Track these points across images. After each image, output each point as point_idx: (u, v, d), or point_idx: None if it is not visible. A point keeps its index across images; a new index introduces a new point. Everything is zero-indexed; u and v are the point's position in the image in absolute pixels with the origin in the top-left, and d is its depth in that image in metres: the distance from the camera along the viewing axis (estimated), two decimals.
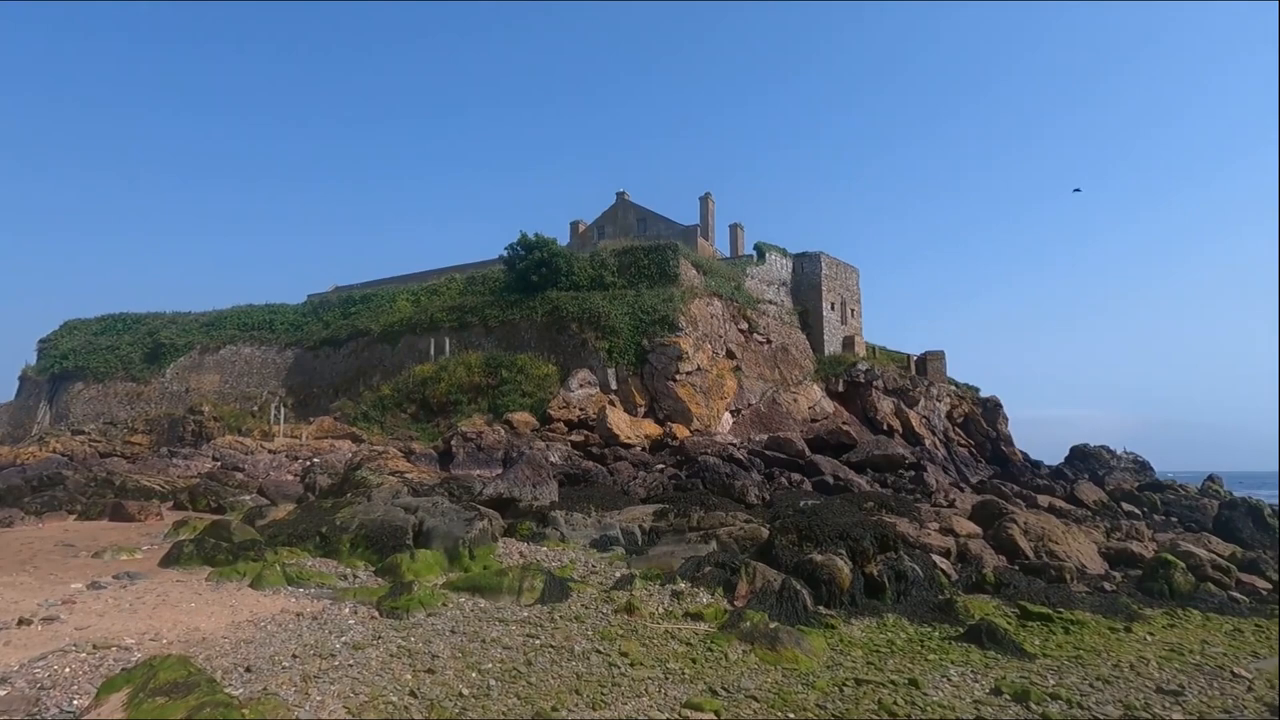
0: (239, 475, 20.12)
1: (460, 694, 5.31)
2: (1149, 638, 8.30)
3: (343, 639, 6.65)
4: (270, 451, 26.91)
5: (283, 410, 33.75)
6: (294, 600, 8.13)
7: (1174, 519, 23.50)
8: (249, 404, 37.38)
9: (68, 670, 5.58)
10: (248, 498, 15.56)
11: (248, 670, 5.68)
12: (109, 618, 7.07)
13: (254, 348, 40.47)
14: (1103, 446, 40.27)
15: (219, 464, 23.53)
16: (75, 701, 4.92)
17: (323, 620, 7.33)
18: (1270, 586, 12.36)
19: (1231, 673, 6.74)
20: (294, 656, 6.05)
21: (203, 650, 6.20)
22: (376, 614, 7.72)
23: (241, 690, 5.27)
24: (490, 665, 6.03)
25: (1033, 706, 5.55)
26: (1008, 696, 5.80)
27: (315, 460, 23.79)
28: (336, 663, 5.94)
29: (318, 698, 5.16)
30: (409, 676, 5.65)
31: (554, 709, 5.13)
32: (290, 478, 20.85)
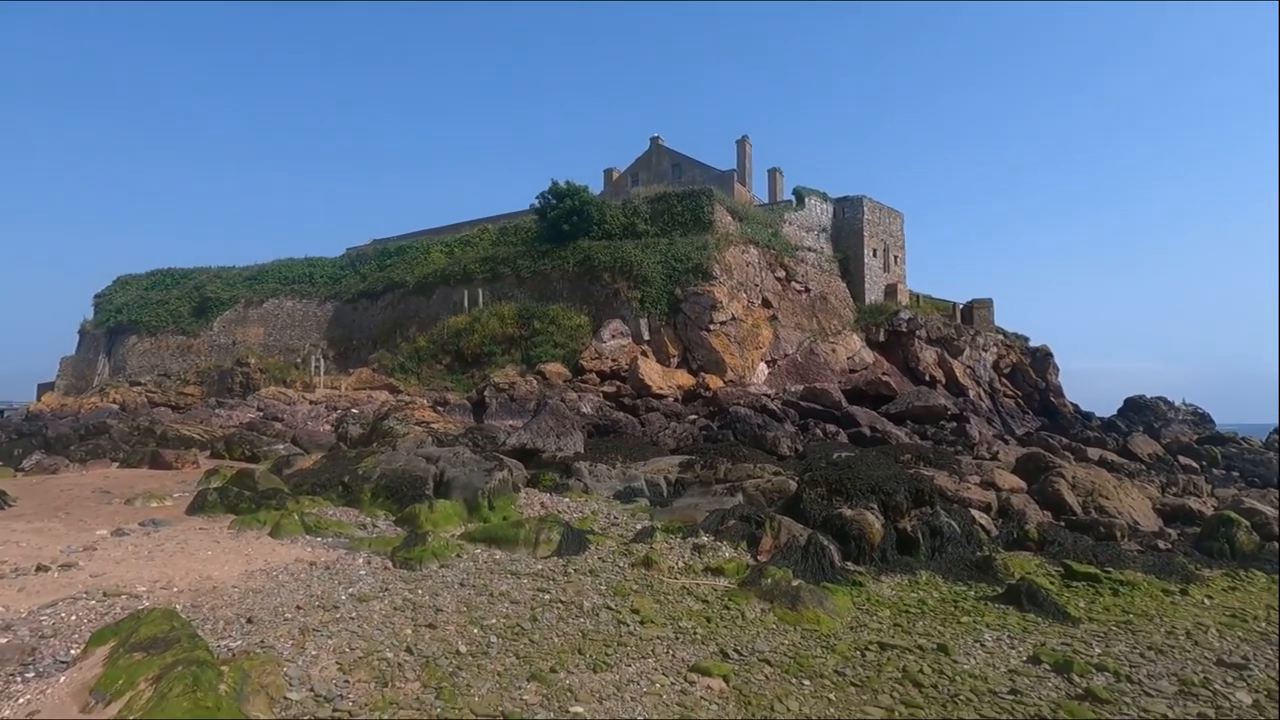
0: (278, 425, 20.55)
1: (457, 651, 5.11)
2: (1207, 602, 7.68)
3: (350, 590, 6.53)
4: (311, 402, 27.50)
5: (323, 362, 34.42)
6: (309, 550, 8.09)
7: (1236, 474, 22.26)
8: (292, 356, 38.26)
9: (74, 618, 5.57)
10: (281, 447, 15.81)
11: (249, 621, 5.59)
12: (125, 565, 7.11)
13: (295, 301, 41.17)
14: (1160, 398, 38.46)
15: (261, 414, 24.12)
16: (72, 651, 4.87)
17: (335, 570, 7.25)
18: None
19: None
20: (298, 608, 5.95)
21: (210, 599, 6.15)
22: (390, 565, 7.62)
23: (239, 642, 5.18)
24: (494, 621, 5.83)
25: (1075, 679, 5.08)
26: (1047, 666, 5.33)
27: (353, 410, 24.20)
28: (339, 615, 5.81)
29: (313, 651, 5.02)
30: (409, 631, 5.48)
31: (552, 670, 4.88)
32: (326, 428, 21.21)
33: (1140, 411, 36.38)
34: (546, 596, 6.60)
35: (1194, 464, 22.63)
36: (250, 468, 12.32)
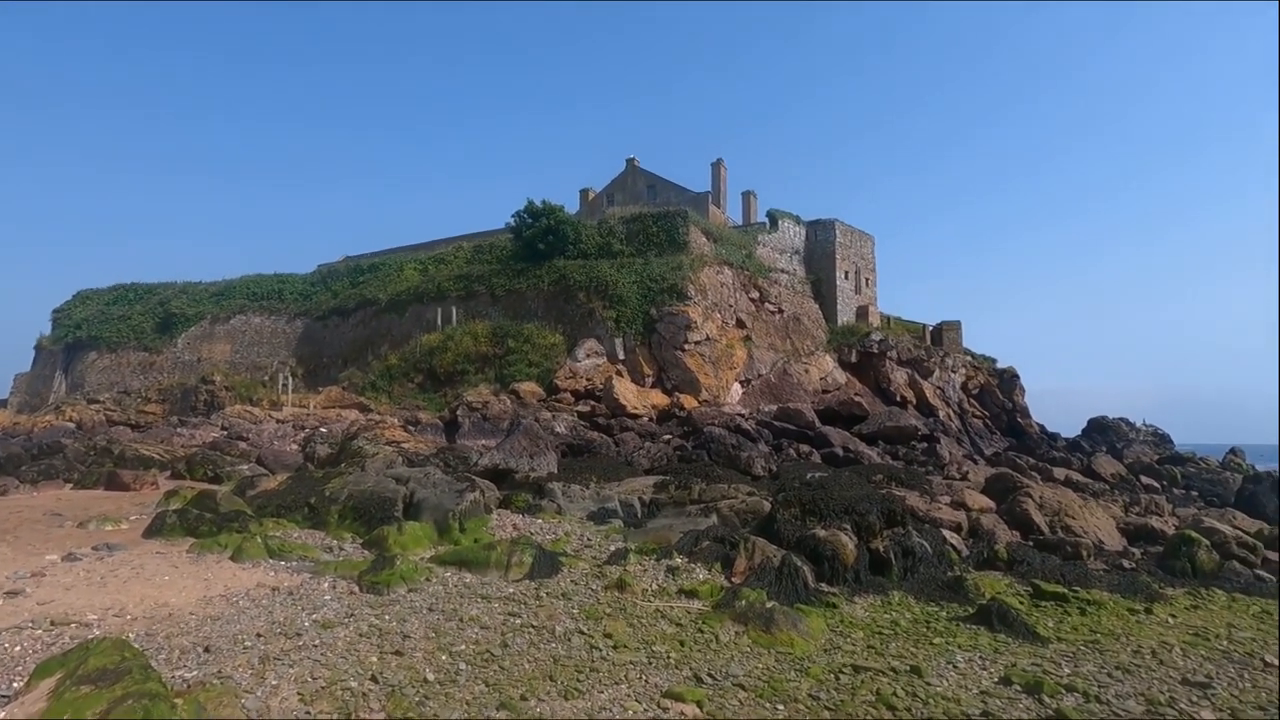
0: (242, 445, 20.01)
1: (425, 679, 4.96)
2: (1171, 620, 7.82)
3: (314, 616, 6.33)
4: (278, 421, 26.87)
5: (291, 380, 33.74)
6: (273, 574, 7.84)
7: (1195, 493, 22.86)
8: (260, 374, 37.44)
9: (18, 649, 5.31)
10: (245, 467, 15.39)
11: (206, 650, 5.38)
12: (76, 592, 6.81)
13: (264, 317, 40.40)
14: (1121, 419, 39.43)
15: (225, 433, 23.48)
16: (15, 685, 4.63)
17: (298, 595, 7.03)
18: None
19: (1263, 661, 6.26)
20: (259, 635, 5.74)
21: (165, 627, 5.91)
22: (356, 589, 7.41)
23: (196, 673, 4.98)
24: (463, 647, 5.69)
25: (1045, 700, 5.11)
26: (1018, 687, 5.36)
27: (322, 430, 23.69)
28: (301, 642, 5.62)
29: (273, 681, 4.84)
30: (374, 659, 5.32)
31: (523, 698, 4.77)
32: (293, 447, 20.72)
33: (1103, 432, 37.25)
34: (518, 621, 6.47)
35: (1155, 484, 23.19)
36: (212, 489, 11.94)
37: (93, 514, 10.84)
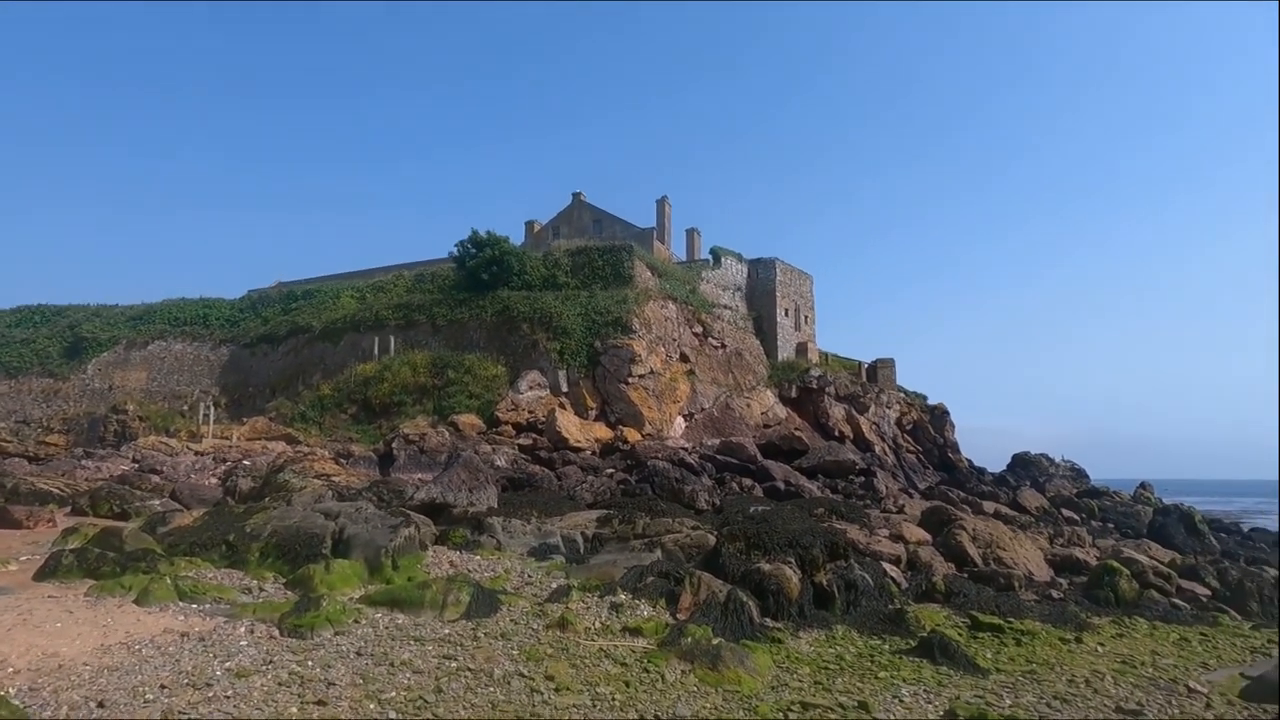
0: (155, 478, 18.66)
1: None
2: (1100, 649, 8.06)
3: (228, 664, 5.82)
4: (197, 453, 25.25)
5: (213, 410, 31.90)
6: (182, 618, 7.21)
7: (1110, 525, 24.04)
8: (178, 403, 35.30)
9: None
10: (158, 503, 14.30)
11: (100, 705, 4.84)
12: None
13: (186, 344, 38.25)
14: (1042, 454, 41.33)
15: (136, 466, 21.89)
16: None
17: (210, 642, 6.46)
18: (1209, 594, 12.44)
19: (1186, 687, 6.48)
20: (162, 687, 5.22)
21: (53, 680, 5.31)
22: (277, 633, 6.88)
23: None
24: (393, 694, 5.31)
25: None
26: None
27: (245, 463, 22.38)
28: (212, 694, 5.13)
29: None
30: (294, 710, 4.90)
31: None
32: (212, 481, 19.48)
33: (1026, 467, 38.92)
34: (453, 664, 6.10)
35: (1075, 516, 24.30)
36: (118, 526, 11.02)
37: None
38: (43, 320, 41.15)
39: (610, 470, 21.56)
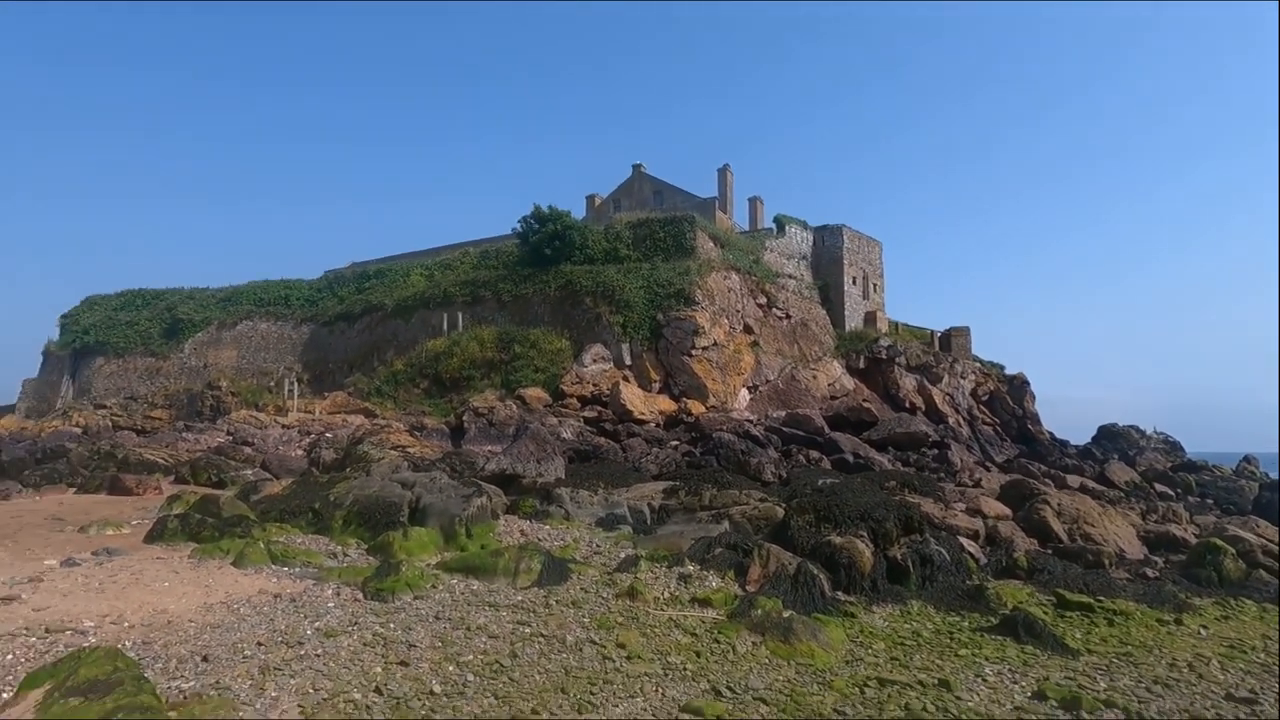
0: (247, 450, 19.87)
1: (431, 691, 4.74)
2: (1203, 632, 7.54)
3: (317, 624, 6.12)
4: (283, 426, 26.75)
5: (297, 385, 33.64)
6: (275, 580, 7.64)
7: (1210, 501, 22.50)
8: (266, 379, 37.38)
9: (9, 657, 5.10)
10: (250, 472, 15.22)
11: (204, 660, 5.17)
12: (73, 598, 6.62)
13: (270, 323, 40.37)
14: (1132, 426, 39.01)
15: (230, 438, 23.37)
16: (3, 695, 4.42)
17: (300, 603, 6.82)
18: None
19: None
20: (259, 644, 5.54)
21: (163, 635, 5.71)
22: (360, 596, 7.20)
23: (193, 683, 4.77)
24: (471, 657, 5.47)
25: (1085, 716, 4.85)
26: (1054, 702, 5.10)
27: (327, 435, 23.54)
28: (303, 651, 5.41)
29: (273, 693, 4.63)
30: (379, 669, 5.10)
31: (534, 711, 4.54)
32: (299, 453, 20.58)
33: (1113, 439, 36.80)
34: (527, 630, 6.24)
35: (1170, 491, 22.82)
36: (215, 494, 11.78)
37: (94, 518, 10.68)
38: (144, 304, 44.14)
39: (675, 442, 21.58)
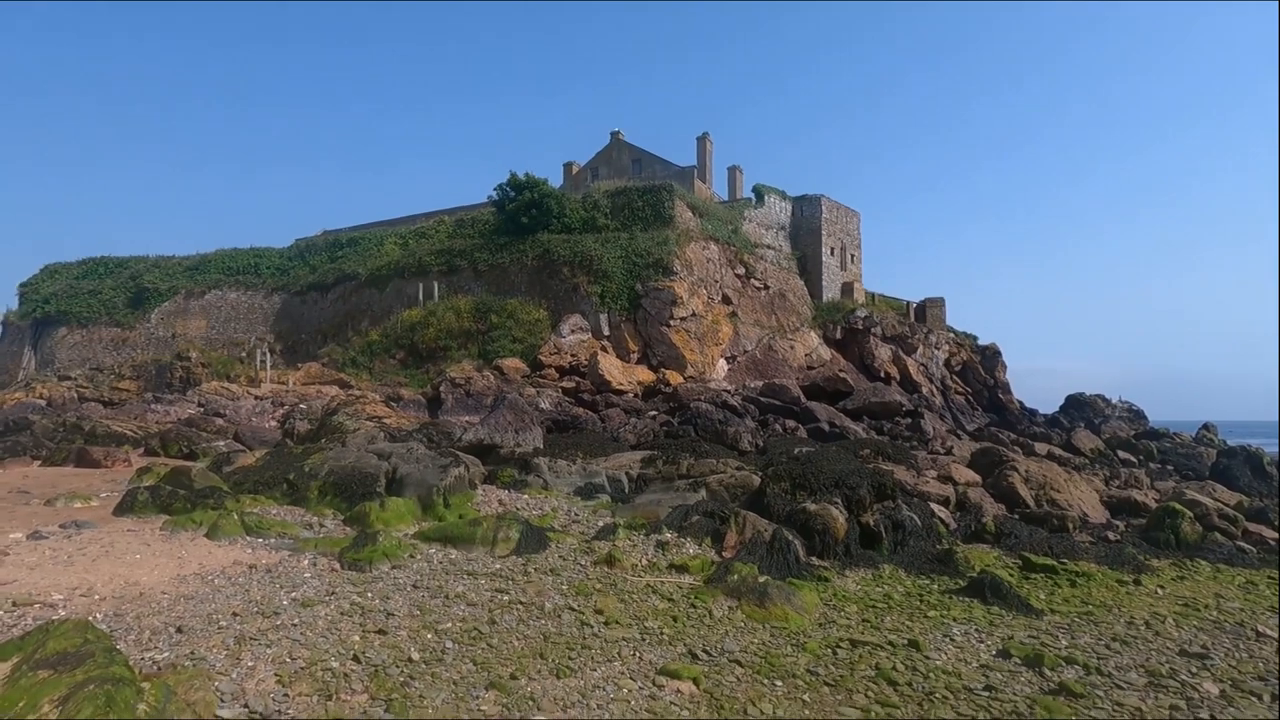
0: (219, 421, 19.56)
1: (410, 659, 4.76)
2: (1160, 591, 7.84)
3: (293, 594, 6.09)
4: (256, 398, 26.33)
5: (269, 356, 33.06)
6: (249, 551, 7.58)
7: (1170, 467, 23.19)
8: (237, 350, 36.65)
9: None
10: (222, 444, 14.99)
11: (179, 631, 5.13)
12: (41, 571, 6.51)
13: (240, 292, 39.47)
14: (1098, 395, 39.93)
15: (202, 410, 22.96)
16: None
17: (276, 573, 6.78)
18: (1278, 536, 11.95)
19: (1255, 631, 6.26)
20: (234, 615, 5.50)
21: (135, 607, 5.64)
22: (338, 566, 7.18)
23: (167, 654, 4.73)
24: (449, 625, 5.49)
25: (1047, 673, 5.03)
26: (1018, 660, 5.28)
27: (301, 406, 23.23)
28: (279, 622, 5.39)
29: (249, 663, 4.61)
30: (356, 638, 5.10)
31: (513, 676, 4.58)
32: (272, 424, 20.31)
33: (1080, 408, 37.69)
34: (505, 598, 6.28)
35: (1133, 458, 23.51)
36: (187, 465, 11.60)
37: (61, 491, 10.47)
38: (106, 272, 42.82)
39: (653, 412, 21.67)
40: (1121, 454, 23.70)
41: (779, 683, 4.78)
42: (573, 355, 25.81)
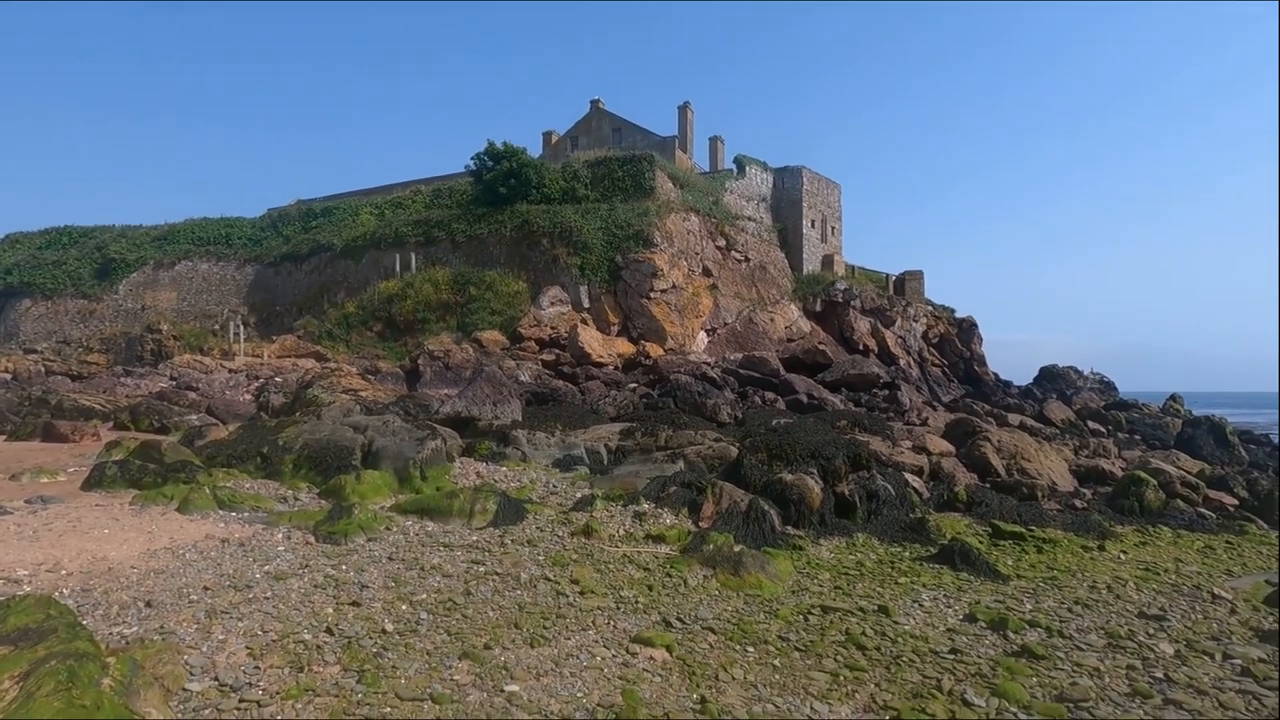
0: (192, 395, 19.23)
1: (383, 630, 4.76)
2: (1122, 556, 8.07)
3: (266, 568, 6.05)
4: (230, 371, 25.93)
5: (243, 329, 32.49)
6: (222, 525, 7.50)
7: (1138, 437, 23.78)
8: (209, 322, 35.95)
9: None
10: (194, 418, 14.76)
11: (148, 605, 5.07)
12: (5, 546, 6.37)
13: (211, 264, 38.57)
14: (1070, 367, 40.67)
15: (174, 383, 22.56)
16: None
17: (249, 547, 6.72)
18: (1237, 504, 12.35)
19: (1211, 593, 6.47)
20: (205, 589, 5.45)
21: (103, 582, 5.56)
22: (312, 540, 7.12)
23: (136, 629, 4.68)
24: (424, 596, 5.49)
25: (1010, 635, 5.17)
26: (983, 624, 5.42)
27: (276, 379, 22.91)
28: (251, 595, 5.35)
29: (220, 636, 4.58)
30: (330, 610, 5.09)
31: (486, 646, 4.60)
32: (246, 398, 20.02)
33: (1053, 380, 38.37)
34: (481, 569, 6.29)
35: (1102, 428, 24.06)
36: (157, 439, 11.39)
37: (27, 466, 10.24)
38: (70, 242, 41.59)
39: (633, 385, 21.69)
40: (1091, 424, 24.24)
41: (751, 649, 4.86)
42: (552, 328, 25.68)
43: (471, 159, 31.48)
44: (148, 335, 34.25)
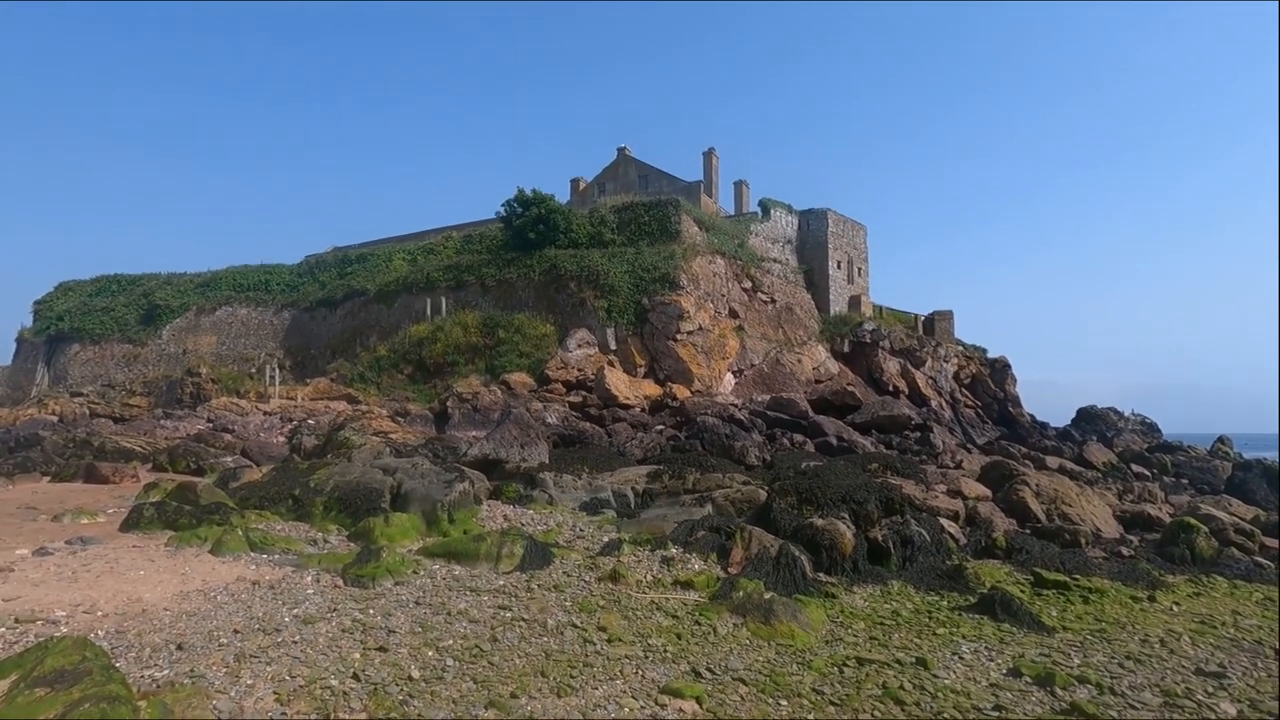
0: (227, 437, 19.64)
1: (409, 677, 4.71)
2: (1175, 608, 7.68)
3: (295, 611, 6.06)
4: (265, 413, 26.48)
5: (278, 372, 33.27)
6: (253, 568, 7.56)
7: (1185, 481, 22.86)
8: (247, 365, 36.92)
9: None
10: (229, 459, 15.04)
11: (179, 648, 5.10)
12: (45, 587, 6.51)
13: (250, 309, 39.85)
14: (1110, 408, 39.50)
15: (211, 425, 23.09)
16: None
17: (279, 590, 6.76)
18: None
19: (1273, 649, 6.11)
20: (235, 632, 5.47)
21: (137, 624, 5.63)
22: (341, 583, 7.15)
23: (167, 672, 4.70)
24: (451, 642, 5.44)
25: (1058, 692, 4.92)
26: (1028, 679, 5.17)
27: (309, 421, 23.32)
28: (280, 639, 5.35)
29: (248, 680, 4.57)
30: (357, 656, 5.06)
31: (513, 695, 4.53)
32: (280, 439, 20.38)
33: (1092, 421, 37.29)
34: (508, 614, 6.22)
35: (1146, 471, 23.19)
36: (193, 481, 11.63)
37: (68, 507, 10.51)
38: (119, 289, 43.34)
39: (660, 427, 21.61)
40: (1134, 467, 23.39)
41: (784, 702, 4.70)
42: (579, 370, 25.82)
43: (502, 205, 32.33)
44: (187, 379, 35.19)
